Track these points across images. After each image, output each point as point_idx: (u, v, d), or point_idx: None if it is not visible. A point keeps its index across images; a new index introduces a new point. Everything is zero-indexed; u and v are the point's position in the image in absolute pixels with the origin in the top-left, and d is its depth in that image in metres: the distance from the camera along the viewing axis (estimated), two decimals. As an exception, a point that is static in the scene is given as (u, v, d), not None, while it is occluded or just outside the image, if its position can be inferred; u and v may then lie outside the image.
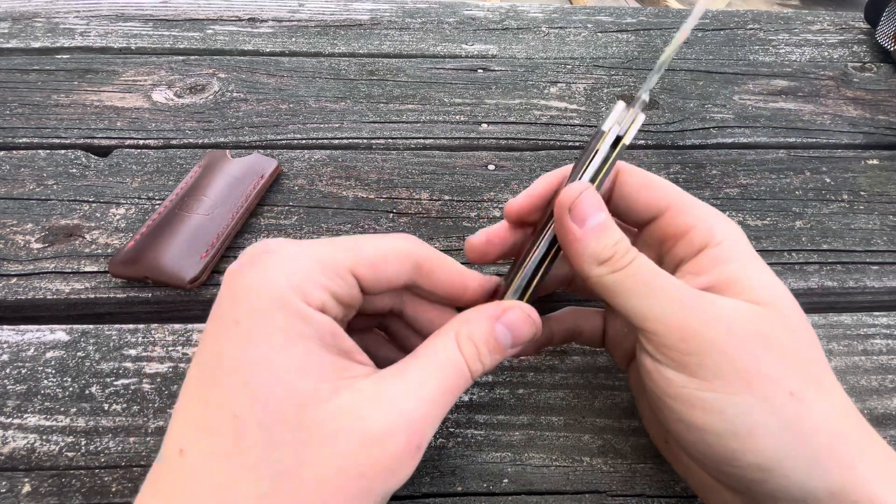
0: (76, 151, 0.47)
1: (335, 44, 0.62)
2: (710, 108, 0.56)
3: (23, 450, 0.30)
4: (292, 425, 0.19)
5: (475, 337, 0.23)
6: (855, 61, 0.63)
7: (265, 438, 0.19)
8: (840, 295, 0.41)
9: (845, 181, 0.48)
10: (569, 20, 0.68)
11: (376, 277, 0.23)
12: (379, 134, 0.51)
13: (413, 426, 0.21)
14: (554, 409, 0.33)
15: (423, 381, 0.22)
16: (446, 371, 0.22)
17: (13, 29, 0.62)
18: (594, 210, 0.25)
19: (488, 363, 0.23)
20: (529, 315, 0.25)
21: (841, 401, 0.23)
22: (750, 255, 0.25)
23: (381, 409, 0.20)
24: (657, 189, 0.27)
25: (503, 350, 0.24)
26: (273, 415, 0.19)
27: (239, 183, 0.43)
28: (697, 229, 0.25)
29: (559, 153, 0.50)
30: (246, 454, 0.19)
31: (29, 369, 0.34)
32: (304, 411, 0.19)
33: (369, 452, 0.20)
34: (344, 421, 0.20)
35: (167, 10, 0.66)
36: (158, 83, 0.55)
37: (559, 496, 0.30)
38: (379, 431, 0.20)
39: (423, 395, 0.21)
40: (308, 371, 0.20)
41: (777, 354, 0.22)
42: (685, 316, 0.23)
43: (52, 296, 0.37)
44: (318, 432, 0.19)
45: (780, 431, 0.21)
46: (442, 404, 0.22)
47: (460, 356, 0.22)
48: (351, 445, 0.19)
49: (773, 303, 0.23)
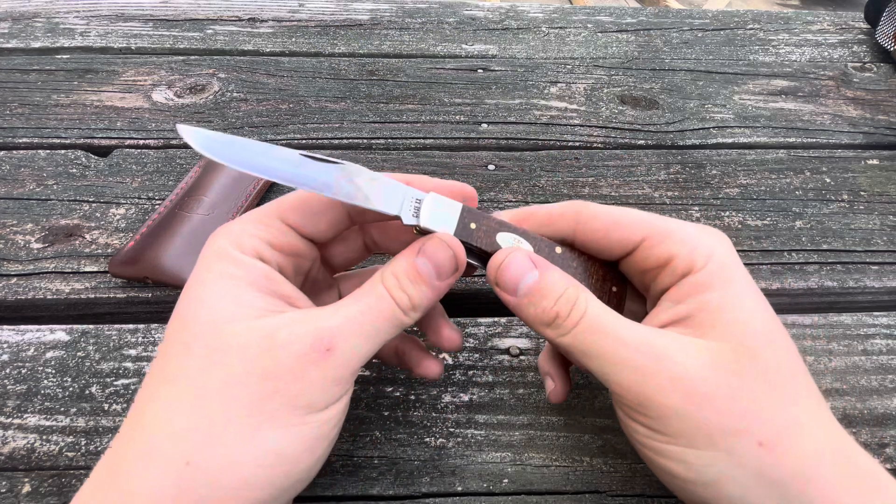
0: (76, 151, 0.47)
1: (335, 44, 0.62)
2: (710, 108, 0.56)
3: (23, 450, 0.30)
4: (208, 341, 0.22)
5: (396, 270, 0.24)
6: (855, 61, 0.63)
7: (182, 352, 0.22)
8: (840, 295, 0.41)
9: (845, 181, 0.48)
10: (569, 20, 0.68)
11: (305, 221, 0.25)
12: (379, 134, 0.51)
13: (320, 332, 0.22)
14: (554, 409, 0.33)
15: (342, 304, 0.23)
16: (368, 299, 0.23)
17: (13, 29, 0.62)
18: (520, 275, 0.25)
19: (414, 293, 0.24)
20: (446, 242, 0.25)
21: (821, 439, 0.22)
22: (733, 280, 0.24)
23: (292, 324, 0.22)
24: (626, 226, 0.26)
25: (426, 278, 0.24)
26: (193, 334, 0.22)
27: (239, 183, 0.43)
28: (679, 257, 0.25)
29: (559, 153, 0.50)
30: (166, 368, 0.22)
31: (29, 369, 0.33)
32: (221, 329, 0.22)
33: (273, 355, 0.21)
34: (255, 335, 0.22)
35: (167, 10, 0.66)
36: (158, 83, 0.55)
37: (559, 496, 0.30)
38: (285, 339, 0.22)
39: (339, 312, 0.23)
40: (229, 299, 0.22)
41: (746, 405, 0.22)
42: (642, 382, 0.22)
43: (52, 296, 0.37)
44: (229, 344, 0.21)
45: (747, 480, 0.21)
46: (362, 324, 0.23)
47: (382, 288, 0.24)
48: (256, 352, 0.21)
49: (749, 339, 0.22)
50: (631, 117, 0.54)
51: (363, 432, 0.32)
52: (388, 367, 0.35)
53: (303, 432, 0.22)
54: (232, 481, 0.21)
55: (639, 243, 0.26)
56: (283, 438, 0.21)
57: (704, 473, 0.22)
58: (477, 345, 0.36)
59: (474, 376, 0.34)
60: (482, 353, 0.36)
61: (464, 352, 0.36)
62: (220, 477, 0.20)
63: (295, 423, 0.22)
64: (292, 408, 0.21)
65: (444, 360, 0.35)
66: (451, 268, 0.25)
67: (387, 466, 0.30)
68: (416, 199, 0.25)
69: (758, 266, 0.41)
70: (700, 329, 0.23)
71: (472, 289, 0.40)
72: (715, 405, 0.22)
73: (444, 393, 0.34)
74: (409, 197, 0.25)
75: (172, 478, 0.20)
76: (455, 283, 0.40)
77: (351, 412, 0.33)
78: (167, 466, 0.20)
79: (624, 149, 0.51)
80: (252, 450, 0.21)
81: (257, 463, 0.21)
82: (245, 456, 0.21)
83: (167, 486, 0.20)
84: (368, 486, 0.30)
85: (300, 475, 0.22)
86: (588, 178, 0.48)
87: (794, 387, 0.23)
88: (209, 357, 0.21)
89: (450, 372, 0.35)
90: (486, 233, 0.26)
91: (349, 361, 0.23)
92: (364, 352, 0.23)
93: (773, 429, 0.21)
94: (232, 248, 0.23)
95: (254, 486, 0.21)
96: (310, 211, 0.25)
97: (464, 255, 0.25)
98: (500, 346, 0.36)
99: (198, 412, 0.21)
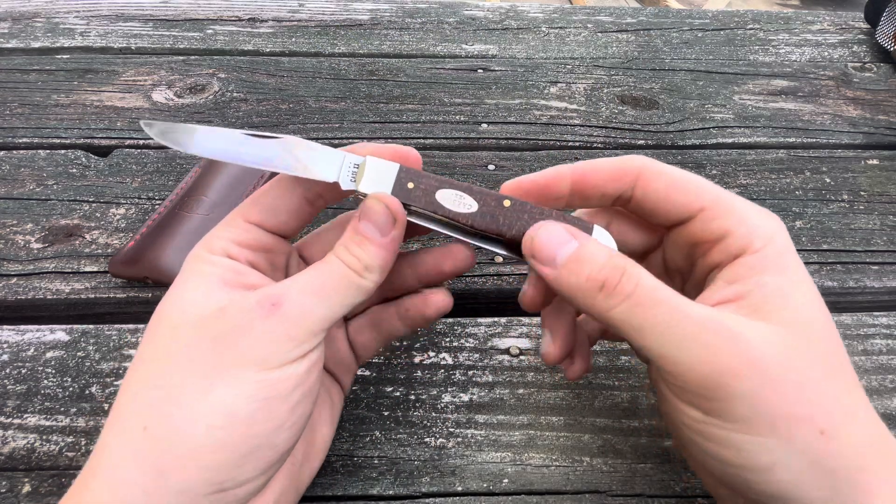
0: (76, 151, 0.47)
1: (335, 44, 0.62)
2: (710, 108, 0.56)
3: (23, 450, 0.30)
4: (173, 323, 0.23)
5: (344, 239, 0.25)
6: (855, 61, 0.63)
7: (150, 339, 0.23)
8: (840, 295, 0.41)
9: (845, 181, 0.48)
10: (569, 20, 0.68)
11: (265, 216, 0.26)
12: (379, 134, 0.51)
13: (267, 292, 0.23)
14: (554, 409, 0.33)
15: (296, 275, 0.24)
16: (319, 267, 0.24)
17: (13, 29, 0.62)
18: (557, 244, 0.24)
19: (362, 253, 0.24)
20: (378, 198, 0.25)
21: (871, 430, 0.22)
22: (790, 266, 0.23)
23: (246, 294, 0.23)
24: (689, 191, 0.25)
25: (371, 237, 0.25)
26: (161, 320, 0.23)
27: (239, 183, 0.43)
28: (735, 235, 0.24)
29: (559, 153, 0.50)
30: (138, 356, 0.23)
31: (29, 369, 0.33)
32: (184, 311, 0.23)
33: (220, 317, 0.22)
34: (211, 308, 0.23)
35: (167, 10, 0.66)
36: (158, 83, 0.55)
37: (559, 496, 0.30)
38: (234, 302, 0.23)
39: (290, 279, 0.24)
40: (199, 292, 0.23)
41: (809, 392, 0.21)
42: (713, 362, 0.21)
43: (52, 296, 0.37)
44: (187, 320, 0.23)
45: (802, 468, 0.21)
46: (313, 284, 0.24)
47: (332, 256, 0.25)
48: (210, 320, 0.22)
49: (807, 326, 0.22)
50: (631, 117, 0.54)
51: (363, 432, 0.32)
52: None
53: (254, 390, 0.22)
54: (185, 443, 0.21)
55: (697, 212, 0.25)
56: (234, 397, 0.21)
57: (759, 461, 0.21)
58: (477, 345, 0.36)
59: (474, 376, 0.34)
60: (482, 353, 0.36)
61: (464, 352, 0.36)
62: (173, 440, 0.21)
63: (246, 380, 0.22)
64: (242, 365, 0.22)
65: (443, 358, 0.35)
66: (389, 222, 0.25)
67: (387, 466, 0.30)
68: (354, 165, 0.26)
69: (758, 266, 0.41)
70: (757, 311, 0.22)
71: (472, 289, 0.40)
72: (784, 391, 0.21)
73: (444, 393, 0.34)
74: (348, 163, 0.26)
75: (131, 445, 0.21)
76: (455, 283, 0.40)
77: (351, 412, 0.33)
78: (126, 434, 0.21)
79: (624, 149, 0.51)
80: (203, 410, 0.21)
81: (209, 423, 0.21)
82: (197, 417, 0.21)
83: (126, 452, 0.21)
84: (368, 486, 0.30)
85: (259, 439, 0.22)
86: (588, 178, 0.48)
87: (848, 376, 0.22)
88: (169, 335, 0.23)
89: (450, 372, 0.35)
90: (424, 192, 0.26)
91: (301, 318, 0.23)
92: (319, 312, 0.23)
93: (833, 417, 0.21)
94: (203, 252, 0.25)
95: (207, 449, 0.21)
96: (267, 206, 0.26)
97: (398, 206, 0.25)
98: (500, 346, 0.36)
99: (156, 381, 0.22)
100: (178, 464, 0.21)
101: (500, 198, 0.26)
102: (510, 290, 0.40)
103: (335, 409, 0.29)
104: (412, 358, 0.35)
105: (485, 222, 0.26)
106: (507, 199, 0.26)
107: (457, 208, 0.26)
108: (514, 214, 0.26)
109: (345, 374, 0.30)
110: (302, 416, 0.24)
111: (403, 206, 0.26)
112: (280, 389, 0.22)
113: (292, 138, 0.26)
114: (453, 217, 0.26)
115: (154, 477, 0.20)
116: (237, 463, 0.21)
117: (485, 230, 0.26)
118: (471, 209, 0.26)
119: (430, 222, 0.27)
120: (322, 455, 0.28)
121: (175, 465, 0.21)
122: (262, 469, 0.22)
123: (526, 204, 0.26)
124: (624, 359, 0.35)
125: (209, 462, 0.21)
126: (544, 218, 0.26)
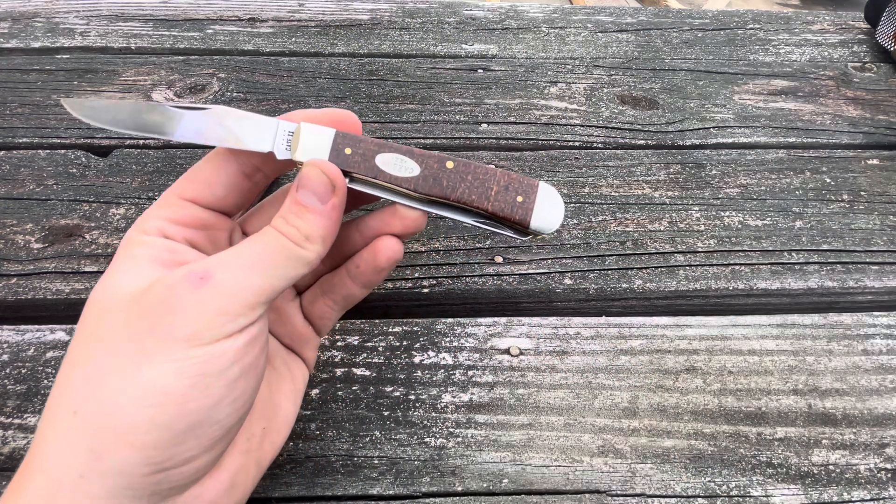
0: (76, 151, 0.47)
1: (335, 44, 0.62)
2: (710, 108, 0.56)
3: (23, 450, 0.30)
4: (100, 305, 0.23)
5: (282, 210, 0.24)
6: (855, 61, 0.63)
7: (80, 324, 0.23)
8: (840, 295, 0.41)
9: (845, 181, 0.48)
10: (569, 20, 0.68)
11: (199, 191, 0.25)
12: (379, 134, 0.51)
13: (194, 267, 0.22)
14: (554, 409, 0.33)
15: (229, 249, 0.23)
16: (256, 238, 0.24)
17: (13, 29, 0.62)
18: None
19: (302, 224, 0.24)
20: (315, 164, 0.25)
21: None
22: None
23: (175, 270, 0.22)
24: None
25: (311, 205, 0.24)
26: (91, 304, 0.23)
27: (239, 183, 0.43)
28: None
29: (559, 153, 0.50)
30: (72, 342, 0.23)
31: (29, 369, 0.33)
32: (112, 293, 0.23)
33: (146, 294, 0.22)
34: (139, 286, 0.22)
35: (167, 10, 0.66)
36: (158, 83, 0.55)
37: (559, 496, 0.30)
38: (158, 279, 0.22)
39: (222, 252, 0.23)
40: (129, 274, 0.23)
41: None
42: None
43: (52, 296, 0.37)
44: (115, 301, 0.22)
45: None
46: (248, 256, 0.23)
47: (270, 227, 0.24)
48: (136, 296, 0.22)
49: None
50: (631, 117, 0.54)
51: (363, 432, 0.32)
52: None
53: (185, 367, 0.21)
54: (116, 425, 0.20)
55: None
56: (164, 375, 0.21)
57: None
58: (477, 345, 0.36)
59: (474, 376, 0.34)
60: (482, 353, 0.36)
61: (464, 352, 0.36)
62: (104, 421, 0.20)
63: (176, 357, 0.21)
64: (171, 341, 0.21)
65: (443, 358, 0.35)
66: (328, 189, 0.24)
67: (387, 466, 0.30)
68: (288, 132, 0.25)
69: (758, 266, 0.41)
70: None
71: (472, 289, 0.40)
72: None
73: (444, 393, 0.34)
74: (282, 130, 0.25)
75: (62, 429, 0.20)
76: (455, 283, 0.40)
77: (351, 412, 0.33)
78: (57, 420, 0.21)
79: (624, 149, 0.51)
80: (134, 390, 0.20)
81: (140, 403, 0.20)
82: (127, 397, 0.20)
83: (58, 437, 0.20)
84: (368, 486, 0.30)
85: (196, 416, 0.21)
86: (588, 178, 0.48)
87: None
88: (97, 316, 0.22)
89: (450, 372, 0.35)
90: (363, 157, 0.25)
91: (233, 292, 0.22)
92: (255, 284, 0.22)
93: None
94: (136, 234, 0.24)
95: (140, 429, 0.20)
96: (202, 181, 0.25)
97: (337, 172, 0.25)
98: (500, 346, 0.36)
99: (84, 364, 0.22)
100: (112, 444, 0.20)
101: (443, 159, 0.25)
102: (510, 290, 0.40)
103: (297, 383, 0.29)
104: (412, 358, 0.35)
105: (427, 186, 0.25)
106: (451, 160, 0.26)
107: (398, 172, 0.25)
108: (457, 177, 0.25)
109: (305, 348, 0.29)
110: (245, 391, 0.23)
111: (344, 173, 0.25)
112: (215, 365, 0.21)
113: (221, 108, 0.25)
114: (395, 182, 0.25)
115: (88, 459, 0.20)
116: (175, 441, 0.21)
117: (428, 194, 0.25)
118: (413, 173, 0.25)
119: (373, 188, 0.26)
120: (285, 430, 0.28)
121: (108, 445, 0.20)
122: (206, 446, 0.22)
123: (470, 164, 0.26)
124: (624, 359, 0.36)
125: (144, 441, 0.20)
126: (488, 179, 0.26)
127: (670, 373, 0.35)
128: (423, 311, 0.39)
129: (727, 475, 0.31)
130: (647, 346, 0.36)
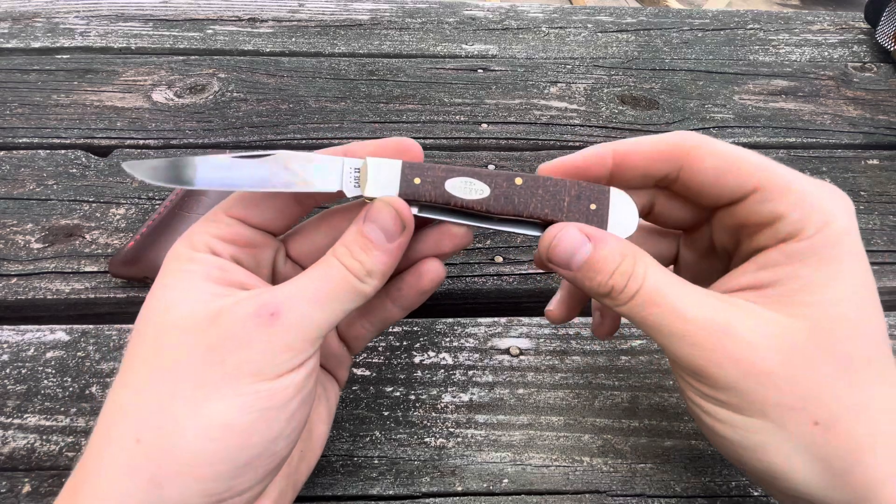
0: (76, 151, 0.47)
1: (335, 44, 0.62)
2: (710, 108, 0.56)
3: (23, 450, 0.30)
4: (158, 325, 0.22)
5: (346, 240, 0.24)
6: (855, 61, 0.63)
7: (137, 342, 0.22)
8: (840, 295, 0.41)
9: (845, 181, 0.48)
10: (569, 20, 0.68)
11: (249, 211, 0.25)
12: (379, 134, 0.51)
13: (265, 300, 0.22)
14: (554, 409, 0.33)
15: (293, 279, 0.23)
16: (319, 270, 0.23)
17: (13, 29, 0.62)
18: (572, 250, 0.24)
19: (366, 259, 0.23)
20: (388, 202, 0.24)
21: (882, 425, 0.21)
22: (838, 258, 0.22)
23: (240, 299, 0.22)
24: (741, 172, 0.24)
25: (378, 242, 0.24)
26: (146, 323, 0.23)
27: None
28: (787, 220, 0.22)
29: (559, 153, 0.50)
30: (125, 360, 0.23)
31: (29, 369, 0.34)
32: (171, 313, 0.22)
33: (218, 325, 0.22)
34: (202, 313, 0.22)
35: (167, 10, 0.66)
36: (158, 83, 0.55)
37: (559, 496, 0.30)
38: (229, 310, 0.22)
39: (288, 284, 0.23)
40: (181, 289, 0.23)
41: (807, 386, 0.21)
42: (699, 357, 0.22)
43: (52, 296, 0.37)
44: (177, 324, 0.22)
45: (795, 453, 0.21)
46: (312, 291, 0.23)
47: (333, 258, 0.24)
48: (203, 326, 0.22)
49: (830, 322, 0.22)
50: (631, 117, 0.54)
51: (363, 432, 0.32)
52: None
53: (250, 402, 0.21)
54: (180, 456, 0.20)
55: (749, 193, 0.24)
56: (229, 409, 0.21)
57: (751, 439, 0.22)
58: (477, 345, 0.36)
59: (474, 376, 0.34)
60: (482, 353, 0.36)
61: (464, 352, 0.36)
62: (168, 452, 0.20)
63: (242, 392, 0.21)
64: (239, 377, 0.21)
65: (443, 358, 0.35)
66: (398, 228, 0.24)
67: (387, 466, 0.30)
68: (355, 169, 0.25)
69: (758, 266, 0.41)
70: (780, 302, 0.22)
71: (472, 289, 0.40)
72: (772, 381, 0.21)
73: (444, 393, 0.34)
74: (348, 168, 0.25)
75: (124, 456, 0.20)
76: (455, 283, 0.40)
77: (351, 412, 0.33)
78: (119, 445, 0.21)
79: (624, 149, 0.51)
80: (199, 422, 0.21)
81: (205, 436, 0.20)
82: (192, 429, 0.20)
83: (120, 464, 0.20)
84: (368, 486, 0.30)
85: (257, 449, 0.21)
86: (588, 178, 0.48)
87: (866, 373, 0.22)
88: (158, 339, 0.22)
89: (450, 372, 0.35)
90: (433, 184, 0.25)
91: (299, 328, 0.22)
92: (317, 319, 0.23)
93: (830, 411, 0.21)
94: (185, 248, 0.24)
95: (203, 461, 0.20)
96: (251, 201, 0.25)
97: (408, 212, 0.24)
98: (500, 346, 0.36)
99: (148, 391, 0.21)
100: (174, 476, 0.20)
101: (511, 177, 0.25)
102: (510, 290, 0.40)
103: (331, 404, 0.29)
104: (412, 358, 0.35)
105: (500, 205, 0.25)
106: (519, 176, 0.25)
107: (469, 196, 0.25)
108: (528, 192, 0.25)
109: (338, 368, 0.30)
110: (301, 421, 0.23)
111: (411, 202, 0.25)
112: (278, 399, 0.22)
113: (285, 152, 0.24)
114: (467, 205, 0.25)
115: (149, 489, 0.20)
116: (234, 474, 0.21)
117: (501, 213, 0.25)
118: (483, 194, 0.25)
119: (442, 213, 0.26)
120: (319, 452, 0.28)
121: (170, 477, 0.20)
122: (261, 477, 0.22)
123: (538, 178, 0.25)
124: (624, 359, 0.36)
125: (205, 474, 0.21)
126: (558, 190, 0.25)
127: (670, 373, 0.35)
128: (422, 311, 0.39)
129: (727, 475, 0.31)
130: (647, 346, 0.36)
